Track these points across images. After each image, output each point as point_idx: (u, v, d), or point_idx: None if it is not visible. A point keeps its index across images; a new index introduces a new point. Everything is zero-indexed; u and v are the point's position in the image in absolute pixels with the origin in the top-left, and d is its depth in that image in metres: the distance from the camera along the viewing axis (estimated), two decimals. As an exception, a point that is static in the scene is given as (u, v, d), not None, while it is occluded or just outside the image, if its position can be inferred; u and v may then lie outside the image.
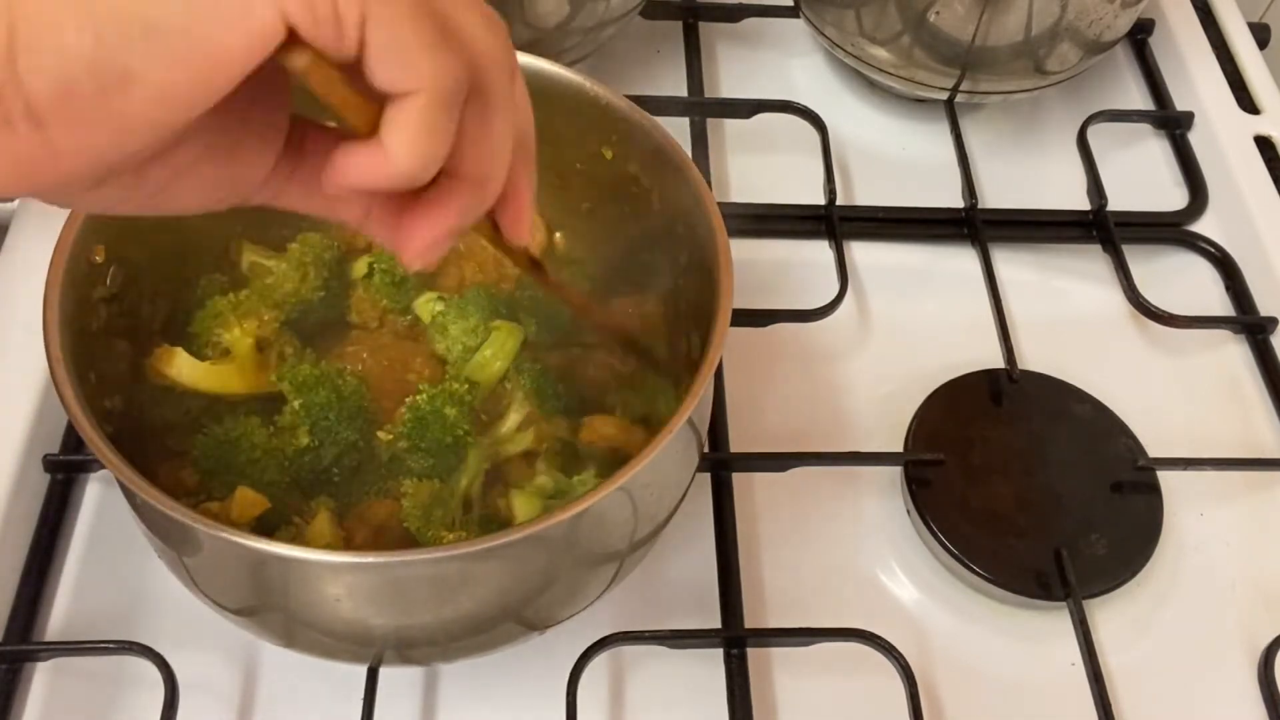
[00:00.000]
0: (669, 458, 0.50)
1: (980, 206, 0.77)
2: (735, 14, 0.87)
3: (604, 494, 0.44)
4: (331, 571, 0.45)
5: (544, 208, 0.63)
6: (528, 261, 0.44)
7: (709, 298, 0.52)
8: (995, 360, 0.69)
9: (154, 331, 0.56)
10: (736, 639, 0.58)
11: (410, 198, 0.35)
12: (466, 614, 0.48)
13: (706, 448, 0.63)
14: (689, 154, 0.77)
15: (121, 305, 0.53)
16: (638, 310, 0.60)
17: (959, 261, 0.76)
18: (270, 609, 0.49)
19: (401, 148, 0.32)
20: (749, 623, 0.59)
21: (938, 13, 0.74)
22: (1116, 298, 0.74)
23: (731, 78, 0.85)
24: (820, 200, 0.76)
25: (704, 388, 0.47)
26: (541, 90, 0.57)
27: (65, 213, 0.49)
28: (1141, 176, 0.82)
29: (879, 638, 0.57)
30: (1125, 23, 0.78)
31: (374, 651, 0.51)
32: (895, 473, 0.65)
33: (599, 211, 0.62)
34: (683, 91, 0.82)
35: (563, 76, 0.57)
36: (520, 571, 0.48)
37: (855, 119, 0.84)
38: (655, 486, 0.51)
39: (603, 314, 0.58)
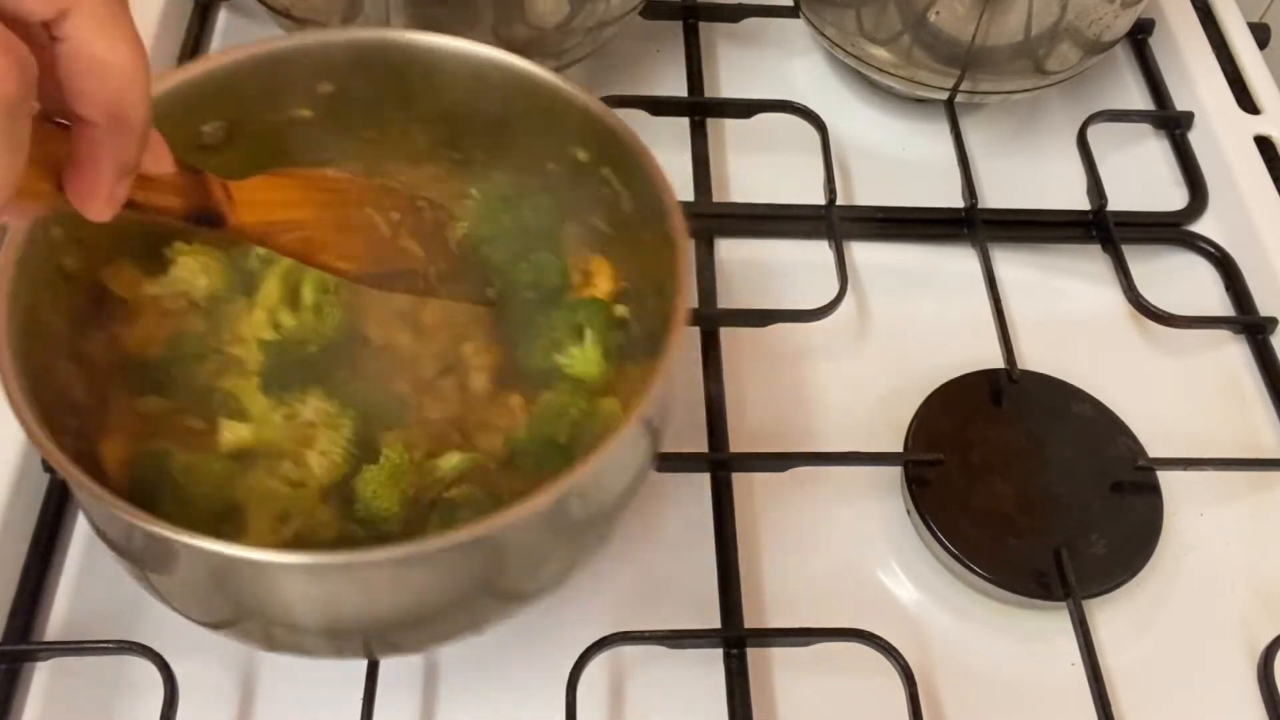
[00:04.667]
0: (618, 458, 0.50)
1: (980, 206, 0.77)
2: (735, 14, 0.87)
3: (552, 497, 0.44)
4: (283, 572, 0.44)
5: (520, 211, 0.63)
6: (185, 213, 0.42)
7: (670, 300, 0.51)
8: (995, 360, 0.69)
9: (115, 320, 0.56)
10: (736, 639, 0.58)
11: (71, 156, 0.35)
12: (437, 602, 0.48)
13: (707, 447, 0.64)
14: (690, 161, 0.77)
15: (82, 283, 0.53)
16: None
17: (959, 261, 0.76)
18: (245, 617, 0.48)
19: None
20: (749, 623, 0.59)
21: (938, 13, 0.74)
22: (1116, 298, 0.74)
23: (731, 78, 0.85)
24: (820, 200, 0.76)
25: (659, 388, 0.47)
26: (518, 89, 0.57)
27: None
28: (1141, 176, 0.82)
29: (879, 638, 0.57)
30: (1125, 23, 0.78)
31: (356, 645, 0.51)
32: (895, 473, 0.65)
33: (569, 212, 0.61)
34: (683, 91, 0.82)
35: (539, 76, 0.57)
36: (473, 565, 0.47)
37: (855, 119, 0.84)
38: (607, 477, 0.51)
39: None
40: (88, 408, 0.53)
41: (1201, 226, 0.79)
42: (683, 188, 0.72)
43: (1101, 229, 0.77)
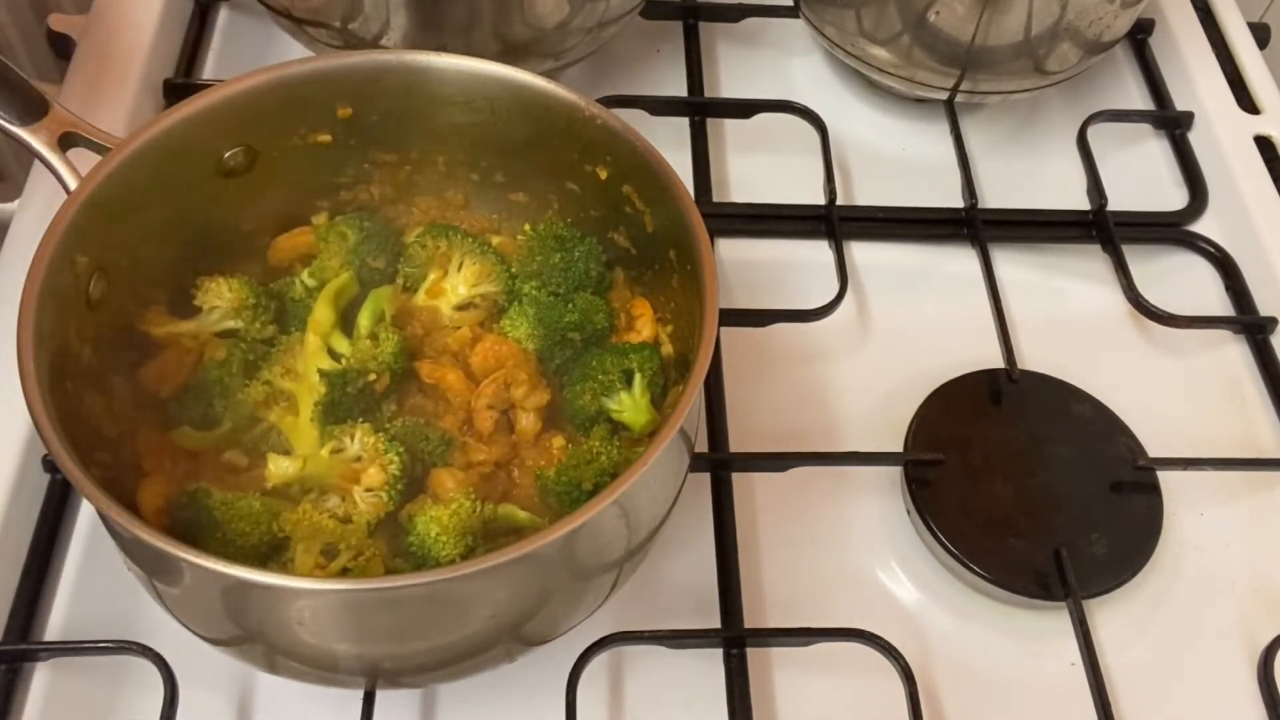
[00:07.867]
0: (661, 467, 0.49)
1: (980, 206, 0.77)
2: (735, 14, 0.87)
3: (598, 509, 0.44)
4: (295, 596, 0.44)
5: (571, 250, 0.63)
6: None
7: (696, 321, 0.52)
8: (995, 360, 0.69)
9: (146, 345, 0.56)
10: (736, 639, 0.58)
11: None
12: (457, 639, 0.48)
13: (707, 447, 0.64)
14: (690, 161, 0.77)
15: (108, 313, 0.53)
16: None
17: (959, 261, 0.76)
18: (250, 639, 0.48)
19: None
20: (749, 623, 0.59)
21: (938, 13, 0.74)
22: (1116, 298, 0.74)
23: (731, 78, 0.85)
24: (820, 200, 0.76)
25: (693, 398, 0.47)
26: (536, 107, 0.57)
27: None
28: (1141, 176, 0.82)
29: (879, 638, 0.57)
30: (1125, 23, 0.78)
31: (362, 679, 0.51)
32: (895, 473, 0.65)
33: (591, 231, 0.61)
34: (683, 91, 0.82)
35: (557, 95, 0.56)
36: (514, 591, 0.47)
37: (855, 119, 0.84)
38: (648, 495, 0.51)
39: None
40: (119, 440, 0.53)
41: (1201, 226, 0.79)
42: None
43: (1101, 229, 0.77)
